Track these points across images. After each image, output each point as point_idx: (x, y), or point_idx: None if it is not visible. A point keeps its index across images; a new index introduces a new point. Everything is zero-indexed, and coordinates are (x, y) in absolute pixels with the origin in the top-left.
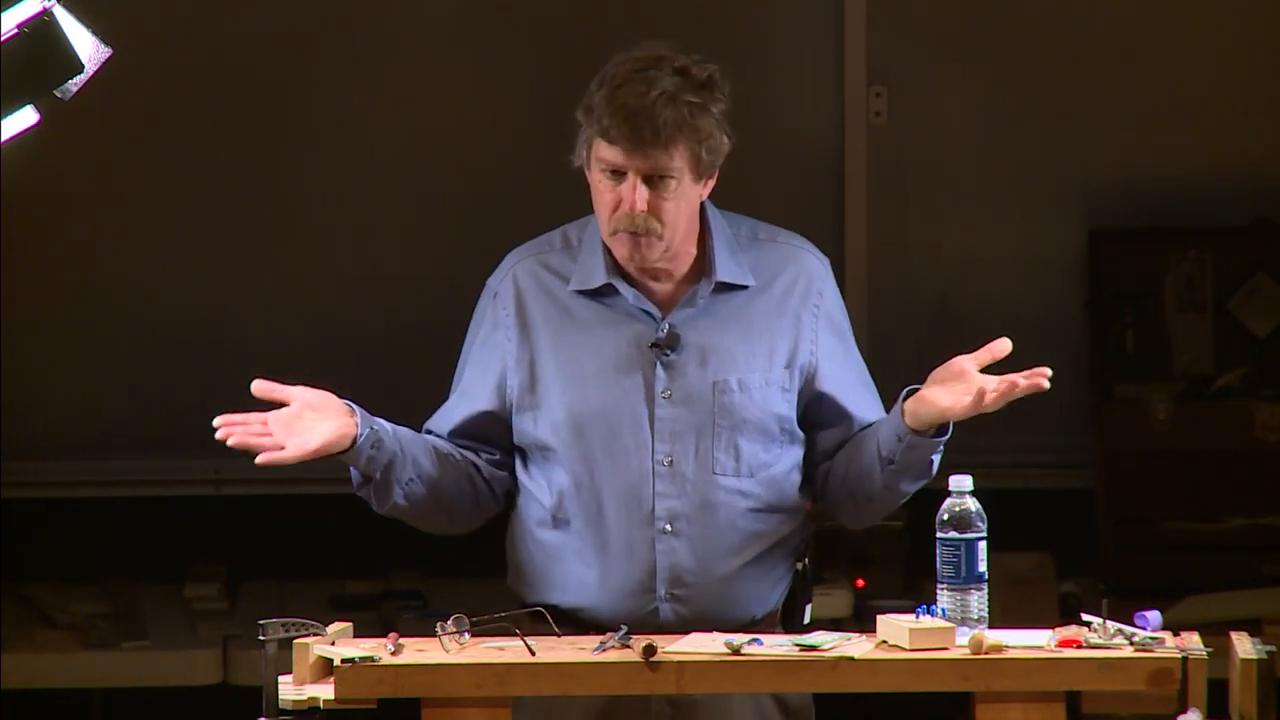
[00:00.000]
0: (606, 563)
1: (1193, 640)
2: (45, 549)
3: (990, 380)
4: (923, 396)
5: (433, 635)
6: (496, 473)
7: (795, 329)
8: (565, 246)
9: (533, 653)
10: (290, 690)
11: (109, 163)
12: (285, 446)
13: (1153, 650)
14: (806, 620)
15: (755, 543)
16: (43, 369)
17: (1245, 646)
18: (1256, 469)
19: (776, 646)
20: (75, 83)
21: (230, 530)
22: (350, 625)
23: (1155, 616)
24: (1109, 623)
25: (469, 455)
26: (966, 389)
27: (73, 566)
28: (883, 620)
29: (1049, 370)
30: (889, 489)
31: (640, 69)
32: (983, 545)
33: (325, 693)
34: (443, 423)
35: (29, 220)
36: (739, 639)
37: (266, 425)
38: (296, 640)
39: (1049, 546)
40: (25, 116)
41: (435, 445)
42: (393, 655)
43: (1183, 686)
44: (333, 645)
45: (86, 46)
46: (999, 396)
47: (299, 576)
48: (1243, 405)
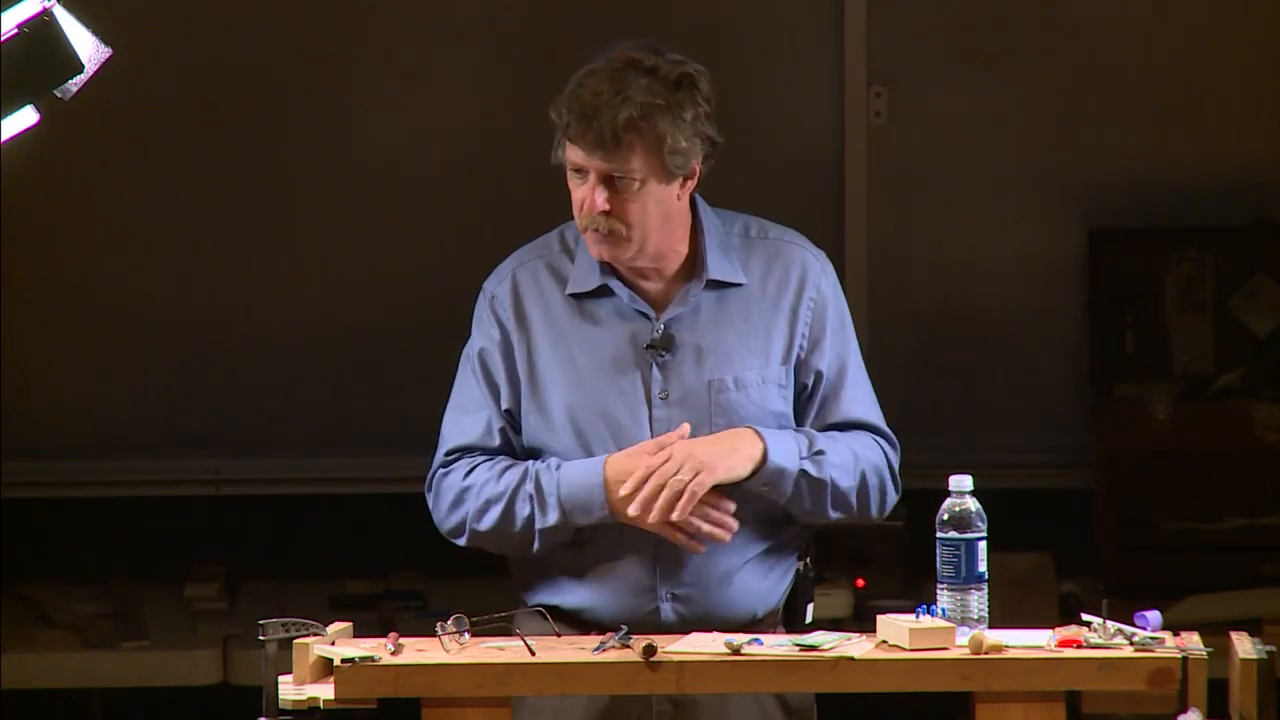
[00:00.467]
0: (607, 562)
1: (1193, 640)
2: (45, 549)
3: None
4: None
5: (433, 635)
6: None
7: (790, 325)
8: (563, 249)
9: (533, 653)
10: (290, 690)
11: (109, 163)
12: None
13: (1153, 650)
14: (809, 619)
15: (756, 542)
16: (43, 369)
17: (1245, 646)
18: (1256, 469)
19: (776, 646)
20: (75, 83)
21: (230, 530)
22: (350, 625)
23: (1155, 616)
24: (1109, 623)
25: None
26: None
27: (73, 566)
28: (883, 620)
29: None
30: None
31: (608, 69)
32: (983, 545)
33: (325, 693)
34: (465, 437)
35: (29, 220)
36: (739, 639)
37: None
38: (296, 640)
39: (1049, 546)
40: (25, 116)
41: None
42: (393, 655)
43: (1183, 686)
44: (333, 645)
45: (86, 46)
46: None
47: (299, 576)
48: (1243, 405)
